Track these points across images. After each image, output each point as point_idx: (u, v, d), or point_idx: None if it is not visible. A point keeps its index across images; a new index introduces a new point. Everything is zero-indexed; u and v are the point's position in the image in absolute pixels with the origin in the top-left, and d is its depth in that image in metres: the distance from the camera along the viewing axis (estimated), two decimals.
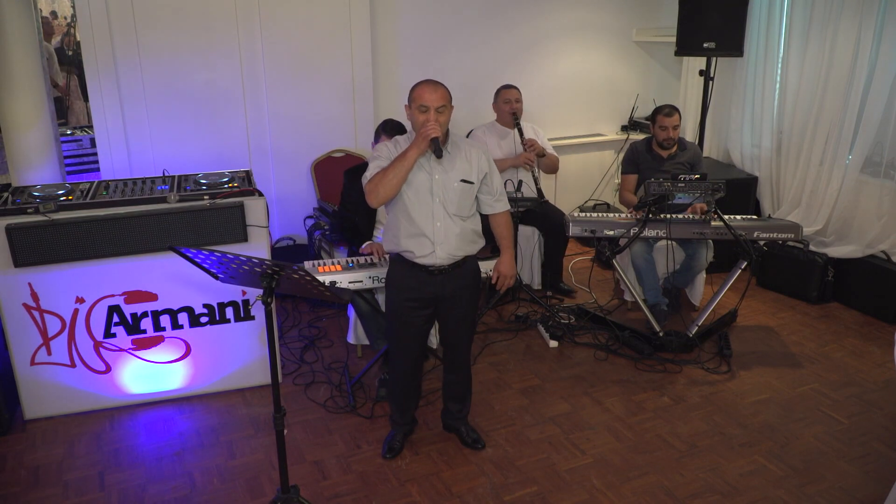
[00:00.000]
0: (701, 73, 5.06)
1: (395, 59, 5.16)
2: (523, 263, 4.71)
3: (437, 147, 2.75)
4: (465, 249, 2.92)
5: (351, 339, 3.86)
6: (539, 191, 4.51)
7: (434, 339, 3.68)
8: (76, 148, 6.39)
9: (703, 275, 4.51)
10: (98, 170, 4.55)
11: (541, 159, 4.64)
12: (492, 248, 4.65)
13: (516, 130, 4.59)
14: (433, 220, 2.84)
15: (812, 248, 4.76)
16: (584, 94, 5.90)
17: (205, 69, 4.54)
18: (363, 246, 3.59)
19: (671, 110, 4.35)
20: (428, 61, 5.24)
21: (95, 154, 4.61)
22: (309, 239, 4.78)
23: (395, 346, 3.10)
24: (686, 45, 4.89)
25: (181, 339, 3.51)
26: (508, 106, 4.60)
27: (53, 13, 8.01)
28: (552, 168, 4.78)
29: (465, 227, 2.89)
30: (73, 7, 5.55)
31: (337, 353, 4.05)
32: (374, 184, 2.76)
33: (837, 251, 4.67)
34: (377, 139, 3.67)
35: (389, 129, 3.59)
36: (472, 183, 2.88)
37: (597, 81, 5.92)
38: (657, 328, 4.05)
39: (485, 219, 3.04)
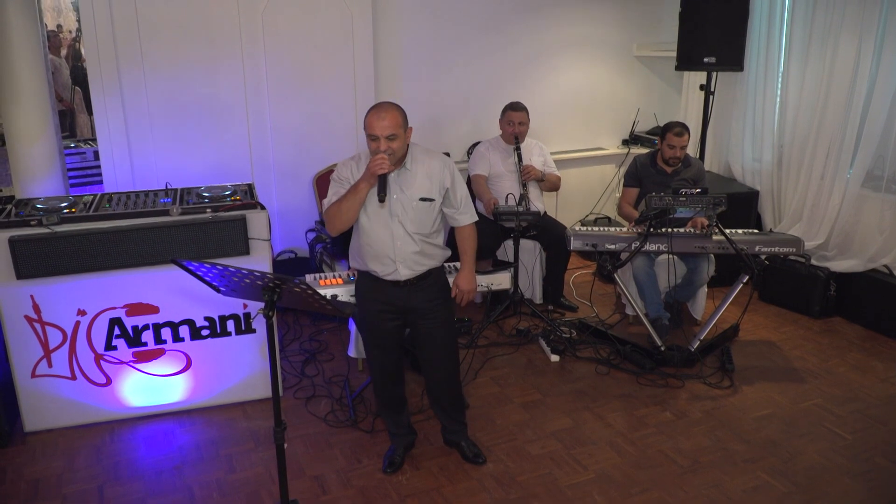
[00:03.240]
0: (701, 87, 5.08)
1: (397, 72, 5.17)
2: (526, 277, 4.69)
3: (381, 187, 2.71)
4: (426, 264, 2.93)
5: (352, 353, 3.85)
6: (522, 198, 4.49)
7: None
8: (80, 161, 6.42)
9: (705, 289, 4.49)
10: (101, 182, 4.56)
11: (541, 182, 4.66)
12: (494, 262, 4.67)
13: (516, 153, 4.57)
14: (393, 239, 2.85)
15: (814, 262, 4.75)
16: (585, 109, 5.91)
17: (208, 82, 4.56)
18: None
19: (682, 130, 4.33)
20: (430, 74, 5.26)
21: (99, 167, 4.63)
22: (310, 252, 4.78)
23: (372, 357, 3.09)
24: (686, 59, 4.91)
25: (182, 352, 3.50)
26: (511, 128, 4.60)
27: (59, 26, 8.06)
28: (553, 187, 4.78)
29: (426, 244, 2.90)
30: (79, 21, 5.59)
31: (338, 367, 4.03)
32: (330, 216, 2.82)
33: (839, 265, 4.66)
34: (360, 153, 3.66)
35: None
36: (431, 200, 2.87)
37: (598, 96, 5.93)
38: (659, 343, 4.03)
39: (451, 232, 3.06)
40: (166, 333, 3.45)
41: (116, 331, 3.38)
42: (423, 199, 2.85)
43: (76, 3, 7.36)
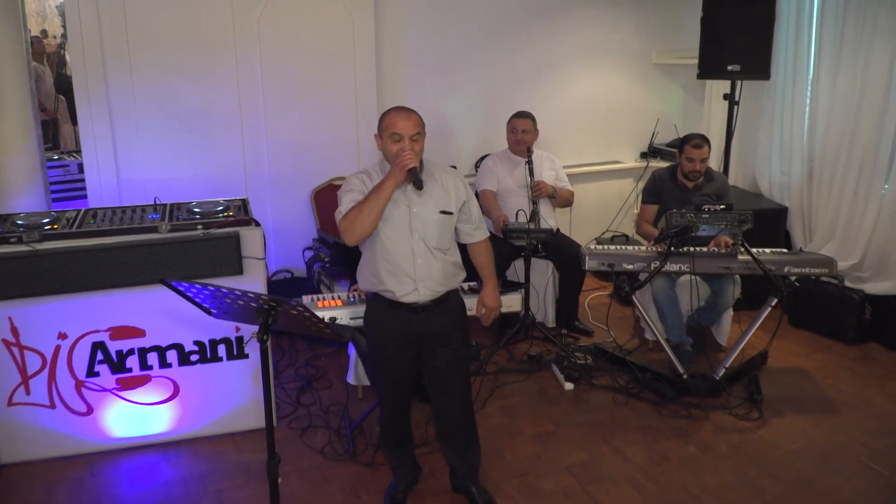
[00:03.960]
0: (725, 96, 5.09)
1: (401, 81, 5.21)
2: (537, 299, 4.69)
3: (417, 178, 2.75)
4: (447, 284, 2.92)
5: (351, 380, 3.83)
6: (533, 214, 4.50)
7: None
8: (63, 174, 6.46)
9: (731, 312, 4.47)
10: (85, 197, 4.59)
11: (553, 198, 4.67)
12: (503, 283, 4.67)
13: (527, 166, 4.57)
14: (413, 256, 2.84)
15: (848, 283, 4.73)
16: (600, 120, 5.94)
17: (200, 92, 4.60)
18: (350, 288, 3.58)
19: (701, 142, 4.35)
20: (436, 83, 5.30)
21: (83, 180, 4.66)
22: (308, 272, 4.79)
23: (383, 392, 3.06)
24: (709, 67, 4.93)
25: (169, 379, 3.50)
26: (515, 135, 4.63)
27: (44, 32, 8.17)
28: (566, 203, 4.80)
29: (446, 261, 2.90)
30: (64, 26, 5.65)
31: (336, 395, 4.02)
32: (349, 220, 2.75)
33: (875, 287, 4.64)
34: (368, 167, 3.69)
35: None
36: (451, 213, 2.89)
37: (614, 106, 5.95)
38: (681, 370, 4.01)
39: (463, 249, 3.05)
40: (153, 359, 3.45)
41: (99, 356, 3.38)
42: (443, 213, 2.87)
43: (62, 8, 7.46)
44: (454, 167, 5.17)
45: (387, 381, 3.00)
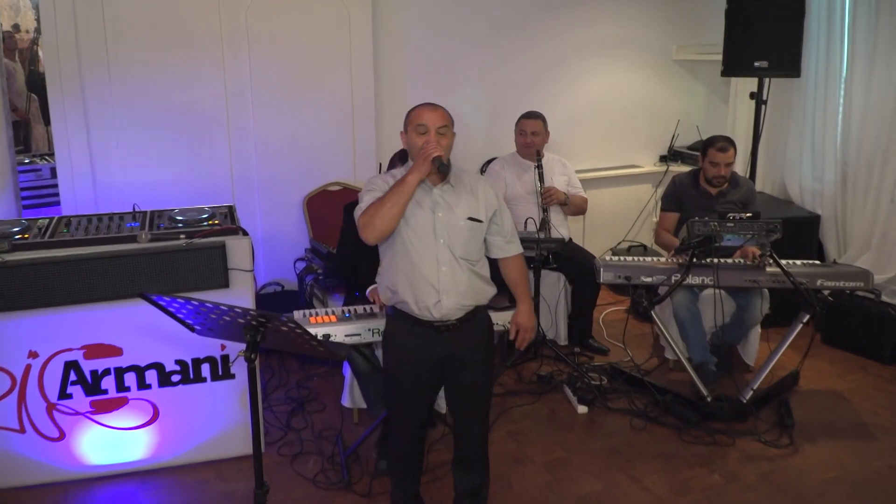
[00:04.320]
0: (752, 95, 5.09)
1: (400, 80, 5.23)
2: (548, 315, 4.68)
3: (442, 165, 2.78)
4: (475, 298, 2.90)
5: (346, 403, 3.83)
6: (543, 222, 4.51)
7: (443, 403, 3.64)
8: (34, 178, 6.46)
9: (758, 329, 4.47)
10: (58, 204, 4.60)
11: (564, 206, 4.68)
12: (509, 297, 4.66)
13: (537, 171, 4.57)
14: (437, 264, 2.82)
15: (885, 298, 4.72)
16: (617, 120, 5.95)
17: (183, 90, 4.62)
18: (368, 290, 3.58)
19: (725, 144, 4.36)
20: (438, 83, 5.32)
21: (56, 186, 4.66)
22: (299, 285, 4.79)
23: (395, 415, 3.06)
24: (734, 64, 4.93)
25: (148, 402, 3.48)
26: (524, 138, 4.65)
27: (16, 26, 8.20)
28: (579, 211, 4.81)
29: (474, 274, 2.88)
30: (38, 20, 5.68)
31: (329, 419, 4.01)
32: (369, 216, 2.76)
33: None
34: (392, 168, 3.67)
35: (406, 159, 3.61)
36: (480, 221, 2.89)
37: (632, 105, 5.96)
38: (704, 392, 4.00)
39: (493, 264, 3.03)
40: (130, 379, 3.44)
41: (73, 376, 3.37)
42: (471, 219, 2.87)
43: (35, 1, 7.49)
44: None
45: (406, 411, 3.00)
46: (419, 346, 2.88)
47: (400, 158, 3.68)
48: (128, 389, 3.45)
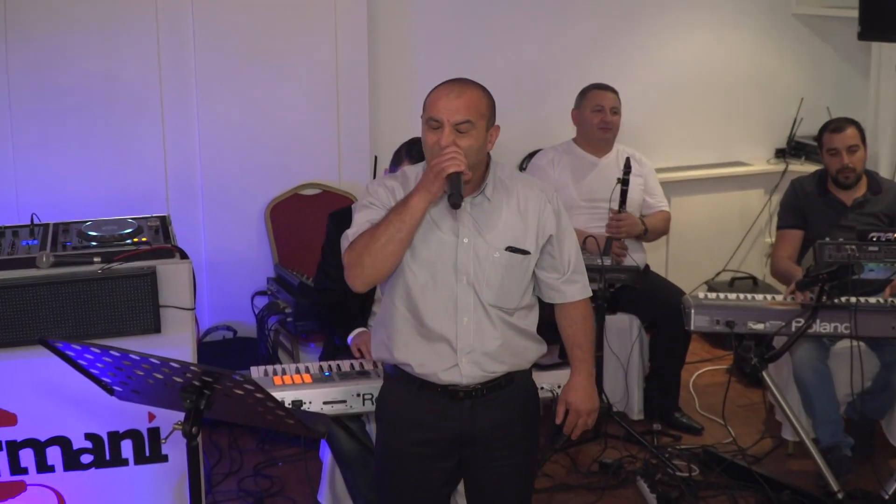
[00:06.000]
0: None
1: (404, 44, 5.26)
2: (616, 377, 4.68)
3: (456, 188, 2.63)
4: (510, 362, 2.86)
5: (324, 500, 3.82)
6: (609, 243, 4.52)
7: (460, 501, 3.62)
8: None
9: None
10: None
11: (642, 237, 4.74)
12: (560, 351, 4.64)
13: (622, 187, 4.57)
14: (456, 312, 2.77)
15: None
16: (712, 101, 5.96)
17: (102, 59, 4.68)
18: (352, 336, 3.57)
19: (841, 123, 4.40)
20: (458, 51, 5.36)
21: None
22: (259, 329, 4.79)
23: None
24: (876, 25, 4.93)
25: (50, 489, 3.48)
26: (599, 116, 4.65)
27: None
28: (660, 234, 4.87)
29: (510, 327, 2.84)
30: None
31: None
32: (356, 253, 2.67)
33: None
34: (396, 167, 3.65)
35: (418, 152, 3.57)
36: (525, 253, 2.82)
37: (733, 80, 5.98)
38: (835, 487, 3.96)
39: (548, 308, 2.99)
40: (27, 458, 3.43)
41: None
42: (511, 250, 2.80)
43: None
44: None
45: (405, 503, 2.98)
46: (428, 420, 2.84)
47: (409, 154, 3.62)
48: (24, 472, 3.44)
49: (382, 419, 2.99)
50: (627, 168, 4.51)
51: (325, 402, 3.35)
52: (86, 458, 3.48)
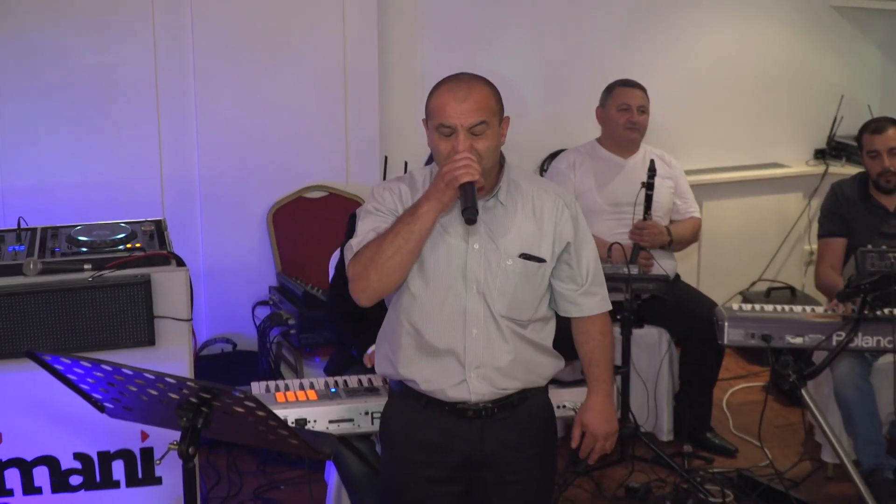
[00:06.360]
0: None
1: (416, 38, 5.26)
2: (644, 395, 4.68)
3: (470, 200, 2.59)
4: (523, 379, 2.85)
5: None
6: (636, 250, 4.52)
7: None
8: None
9: None
10: None
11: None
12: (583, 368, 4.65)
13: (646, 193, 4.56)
14: (465, 324, 2.77)
15: None
16: (744, 98, 5.96)
17: (95, 52, 4.70)
18: (367, 353, 3.57)
19: (882, 124, 4.40)
20: (471, 44, 5.37)
21: None
22: (261, 343, 4.79)
23: None
24: None
25: None
26: (625, 115, 4.65)
27: None
28: (688, 242, 4.87)
29: (523, 341, 2.83)
30: None
31: None
32: (361, 266, 2.65)
33: None
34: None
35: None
36: (541, 261, 2.81)
37: (768, 76, 5.97)
38: None
39: (568, 319, 2.97)
40: (12, 479, 3.44)
41: None
42: (525, 257, 2.79)
43: None
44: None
45: None
46: (434, 440, 2.84)
47: None
48: (10, 494, 3.46)
49: (386, 439, 2.99)
50: (652, 171, 4.50)
51: (330, 421, 3.35)
52: (75, 480, 3.49)
